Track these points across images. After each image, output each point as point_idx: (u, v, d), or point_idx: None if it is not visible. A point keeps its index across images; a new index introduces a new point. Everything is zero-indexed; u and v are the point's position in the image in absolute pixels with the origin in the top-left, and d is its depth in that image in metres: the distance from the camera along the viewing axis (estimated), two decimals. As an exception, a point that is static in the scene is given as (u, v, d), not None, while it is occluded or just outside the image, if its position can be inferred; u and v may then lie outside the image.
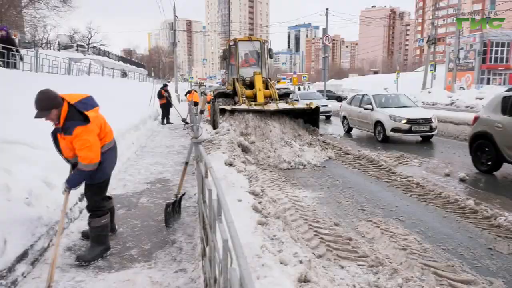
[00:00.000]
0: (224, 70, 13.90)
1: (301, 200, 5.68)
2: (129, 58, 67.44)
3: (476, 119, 7.79)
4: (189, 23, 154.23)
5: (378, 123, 11.55)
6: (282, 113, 10.01)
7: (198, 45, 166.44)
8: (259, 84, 10.75)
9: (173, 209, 4.64)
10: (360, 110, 12.71)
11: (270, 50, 12.86)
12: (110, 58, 45.03)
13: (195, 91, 19.12)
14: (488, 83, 45.36)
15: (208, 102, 19.46)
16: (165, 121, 15.89)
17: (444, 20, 72.47)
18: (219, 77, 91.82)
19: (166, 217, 4.48)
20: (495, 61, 47.39)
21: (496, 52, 47.27)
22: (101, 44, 51.87)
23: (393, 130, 11.03)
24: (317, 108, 10.26)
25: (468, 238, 4.36)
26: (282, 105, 9.81)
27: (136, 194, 5.85)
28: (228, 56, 12.95)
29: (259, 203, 4.07)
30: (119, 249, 3.89)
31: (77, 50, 40.83)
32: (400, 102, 12.56)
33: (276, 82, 13.39)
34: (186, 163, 4.64)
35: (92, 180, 3.58)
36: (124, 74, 39.68)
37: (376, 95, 12.85)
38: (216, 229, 2.05)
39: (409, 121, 10.88)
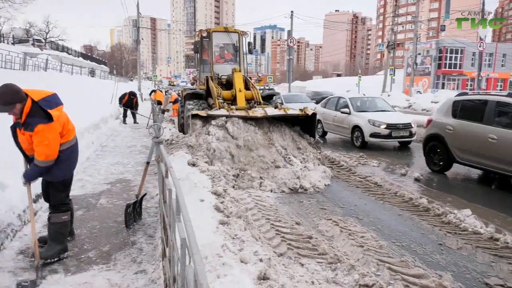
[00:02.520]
0: (195, 67, 11.34)
1: (264, 200, 5.75)
2: (89, 54, 65.12)
3: (429, 122, 8.20)
4: (153, 20, 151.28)
5: (356, 128, 10.91)
6: (270, 120, 7.97)
7: (163, 43, 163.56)
8: (239, 83, 8.65)
9: (134, 210, 4.56)
10: (336, 114, 11.94)
11: (249, 43, 10.85)
12: (69, 54, 43.29)
13: (160, 90, 18.81)
14: (443, 87, 47.80)
15: (173, 102, 19.23)
16: (126, 120, 15.61)
17: (403, 27, 75.57)
18: (184, 76, 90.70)
19: (126, 218, 4.39)
20: (450, 67, 50.01)
21: (451, 59, 49.90)
22: (59, 39, 49.79)
23: (372, 135, 10.44)
24: (314, 114, 8.07)
25: (420, 235, 4.59)
26: (271, 111, 7.67)
27: (95, 195, 5.69)
28: (200, 49, 10.69)
29: (221, 203, 4.09)
30: (76, 252, 3.77)
31: (33, 44, 38.97)
32: (377, 105, 12.02)
33: (257, 81, 10.83)
34: (148, 163, 4.58)
35: (54, 178, 3.53)
36: (92, 72, 38.36)
37: (353, 98, 12.23)
38: (175, 229, 2.05)
39: (388, 126, 10.33)
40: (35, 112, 3.20)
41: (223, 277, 2.53)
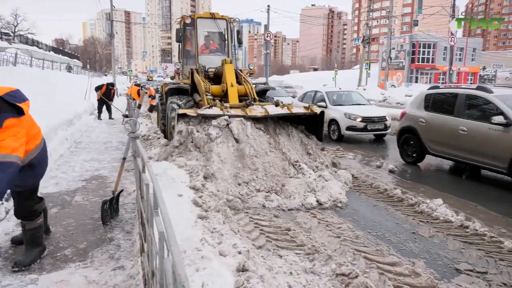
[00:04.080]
0: (178, 59, 9.89)
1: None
2: (61, 49, 63.16)
3: (403, 114, 8.42)
4: (127, 14, 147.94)
5: (333, 122, 11.09)
6: (275, 121, 6.93)
7: (138, 37, 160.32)
8: (230, 77, 7.38)
9: (111, 207, 4.49)
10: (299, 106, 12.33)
11: (238, 32, 9.52)
12: (40, 48, 41.89)
13: (136, 85, 18.47)
14: (416, 81, 49.02)
15: (151, 97, 18.93)
16: (101, 116, 15.29)
17: (377, 21, 76.87)
18: (160, 70, 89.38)
19: (102, 215, 4.32)
20: (423, 61, 51.27)
21: (424, 53, 51.15)
22: (29, 33, 48.07)
23: (348, 128, 10.64)
24: (322, 113, 7.04)
25: (395, 224, 4.73)
26: (272, 109, 6.57)
27: (70, 192, 5.57)
28: (183, 38, 9.16)
29: (200, 197, 4.09)
30: (52, 250, 3.70)
31: (1, 38, 37.46)
32: (353, 99, 12.27)
33: (249, 74, 9.22)
34: (124, 158, 4.51)
35: (24, 186, 3.30)
36: (69, 68, 37.23)
37: (330, 92, 12.42)
38: (153, 223, 2.04)
39: (364, 119, 10.54)
40: (1, 107, 2.90)
41: (202, 270, 2.54)
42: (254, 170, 5.69)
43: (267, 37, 29.35)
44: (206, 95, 7.22)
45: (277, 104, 6.89)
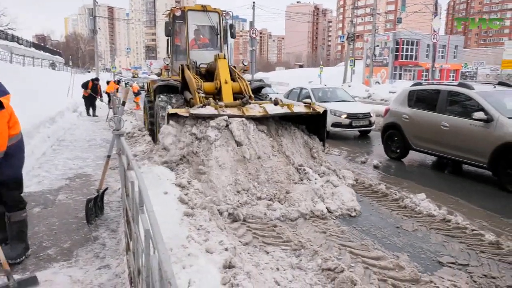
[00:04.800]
0: (167, 54, 9.25)
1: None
2: (43, 45, 61.80)
3: (387, 111, 8.54)
4: (110, 9, 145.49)
5: None
6: (276, 120, 6.49)
7: (121, 33, 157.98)
8: (224, 73, 6.85)
9: (95, 205, 4.44)
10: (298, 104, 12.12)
11: (231, 26, 9.08)
12: (21, 44, 40.87)
13: (115, 81, 18.18)
14: (400, 78, 49.65)
15: (135, 94, 18.70)
16: (90, 112, 15.17)
17: (362, 19, 77.53)
18: (145, 67, 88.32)
19: (87, 213, 4.27)
20: (406, 58, 51.94)
21: (407, 50, 51.81)
22: (8, 28, 46.77)
23: (334, 125, 10.63)
24: (325, 112, 6.55)
25: (379, 219, 4.80)
26: (272, 108, 6.09)
27: (54, 191, 5.48)
28: (172, 32, 8.63)
29: (186, 194, 4.07)
30: (35, 250, 3.63)
31: (-21, 33, 36.41)
32: (338, 96, 12.35)
33: (242, 70, 8.43)
34: (108, 156, 4.45)
35: (5, 176, 3.27)
36: (53, 65, 36.43)
37: (315, 88, 12.51)
38: (139, 221, 2.03)
39: (349, 115, 10.61)
40: None
41: (189, 267, 2.54)
42: (256, 177, 5.23)
43: (252, 33, 29.30)
44: (198, 92, 6.61)
45: (276, 103, 6.35)
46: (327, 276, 3.25)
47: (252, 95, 6.97)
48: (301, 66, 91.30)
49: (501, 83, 7.76)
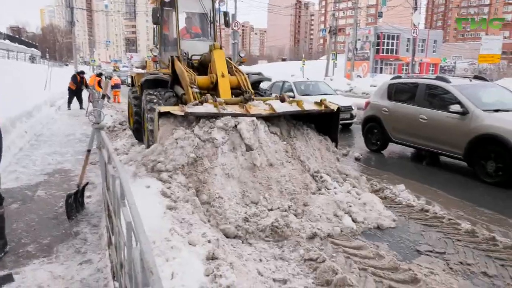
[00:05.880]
0: (154, 44, 8.34)
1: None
2: (17, 37, 59.87)
3: (367, 104, 8.67)
4: (89, 0, 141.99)
5: None
6: (287, 119, 5.77)
7: (100, 25, 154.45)
8: (221, 65, 6.12)
9: (76, 200, 4.38)
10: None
11: (225, 14, 8.32)
12: (-6, 36, 39.45)
13: (97, 75, 17.86)
14: (381, 72, 50.29)
15: (114, 87, 18.37)
16: (71, 106, 14.93)
17: (344, 12, 78.05)
18: (125, 60, 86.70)
19: (67, 209, 4.21)
20: (387, 52, 52.62)
21: (388, 44, 52.47)
22: (-19, 20, 45.07)
23: None
24: (339, 109, 5.84)
25: (360, 210, 4.88)
26: (279, 105, 5.42)
27: (32, 187, 5.37)
28: (160, 20, 7.71)
29: (168, 188, 4.05)
30: (13, 247, 3.57)
31: (-51, 25, 34.98)
32: (320, 89, 12.39)
33: (239, 63, 7.48)
34: (88, 151, 4.39)
35: None
36: (32, 58, 35.34)
37: (297, 82, 12.59)
38: (120, 214, 2.02)
39: None
40: None
41: (172, 259, 2.54)
42: (267, 187, 4.53)
43: (234, 26, 29.12)
44: (192, 87, 5.90)
45: (282, 99, 5.68)
46: (309, 266, 3.31)
47: (252, 90, 6.19)
48: (283, 60, 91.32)
49: (476, 77, 8.00)
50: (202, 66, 6.98)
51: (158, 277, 1.03)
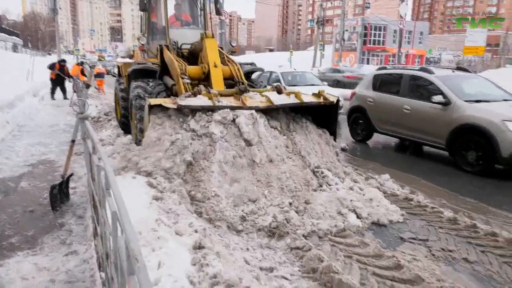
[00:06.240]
0: (142, 32, 8.00)
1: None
2: (-2, 24, 58.17)
3: (353, 94, 8.74)
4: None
5: None
6: (287, 112, 5.50)
7: (84, 13, 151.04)
8: (213, 55, 5.86)
9: (60, 191, 4.33)
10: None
11: (217, 1, 7.84)
12: (-27, 23, 38.28)
13: (78, 64, 17.50)
14: (368, 63, 50.61)
15: (97, 76, 18.05)
16: (55, 96, 14.61)
17: (331, 3, 77.89)
18: (110, 50, 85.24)
19: (52, 200, 4.16)
20: (374, 43, 52.93)
21: (375, 35, 52.77)
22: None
23: None
24: (338, 101, 5.61)
25: (346, 199, 4.94)
26: (276, 97, 5.17)
27: (15, 178, 5.28)
28: (148, 6, 7.41)
29: (154, 178, 4.03)
30: (-4, 239, 3.52)
31: None
32: (307, 80, 12.42)
33: (230, 52, 7.31)
34: (73, 141, 4.32)
35: None
36: (15, 47, 34.41)
37: (285, 72, 12.63)
38: (106, 205, 2.01)
39: None
40: None
41: (159, 249, 2.55)
42: (267, 184, 4.31)
43: (222, 16, 28.82)
44: (182, 78, 5.57)
45: (279, 91, 5.43)
46: (296, 254, 3.35)
47: (245, 81, 5.92)
48: (271, 50, 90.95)
49: (459, 68, 8.13)
50: (193, 56, 6.70)
51: (144, 265, 1.04)
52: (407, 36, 51.52)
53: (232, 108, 4.72)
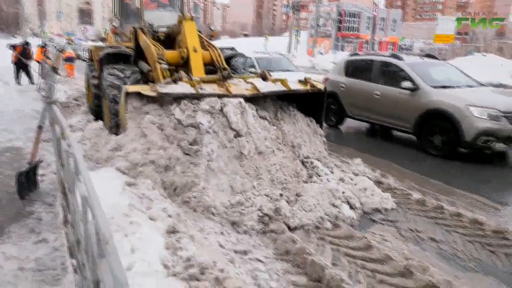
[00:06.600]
0: (113, 14, 7.59)
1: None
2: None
3: (326, 80, 8.83)
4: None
5: None
6: (274, 100, 5.25)
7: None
8: (193, 39, 5.50)
9: (28, 179, 4.18)
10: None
11: None
12: None
13: (41, 47, 16.70)
14: (342, 49, 51.08)
15: (67, 60, 17.38)
16: (21, 81, 13.94)
17: (307, -12, 77.63)
18: (79, 33, 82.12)
19: (19, 188, 4.02)
20: (348, 30, 53.43)
21: (349, 22, 53.24)
22: None
23: None
24: (325, 89, 5.46)
25: (319, 183, 5.03)
26: (262, 84, 4.90)
27: (-21, 166, 5.06)
28: None
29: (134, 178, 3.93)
30: (-40, 228, 3.38)
31: None
32: (282, 65, 12.29)
33: (209, 37, 6.82)
34: (40, 127, 4.17)
35: None
36: None
37: (259, 58, 12.44)
38: (75, 190, 1.97)
39: None
40: None
41: (132, 235, 2.52)
42: (256, 177, 4.13)
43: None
44: (160, 63, 5.22)
45: (264, 77, 5.17)
46: (270, 237, 3.41)
47: (227, 67, 5.56)
48: (246, 36, 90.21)
49: (428, 55, 8.37)
50: (169, 40, 6.31)
51: (114, 247, 1.02)
52: (381, 23, 52.27)
53: (218, 96, 4.41)
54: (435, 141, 6.40)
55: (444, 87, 6.70)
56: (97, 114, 6.97)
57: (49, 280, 2.73)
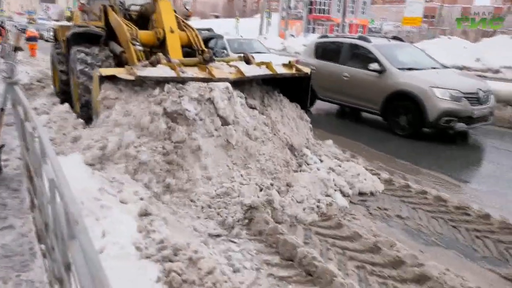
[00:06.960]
0: None
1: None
2: None
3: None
4: None
5: None
6: (259, 84, 5.05)
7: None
8: (169, 18, 5.19)
9: (-10, 164, 4.01)
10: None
11: None
12: None
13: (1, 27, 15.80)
14: (313, 32, 51.12)
15: (28, 40, 16.52)
16: None
17: (278, -31, 76.62)
18: (41, 12, 77.92)
19: (-19, 174, 3.85)
20: (319, 12, 53.44)
21: (320, 4, 53.21)
22: None
23: None
24: (311, 73, 5.22)
25: (291, 164, 5.10)
26: (246, 68, 4.64)
27: None
28: None
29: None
30: None
31: None
32: (254, 48, 12.11)
33: (185, 17, 6.43)
34: (1, 109, 3.96)
35: None
36: None
37: (231, 39, 12.40)
38: (42, 174, 1.91)
39: None
40: None
41: (103, 219, 2.49)
42: (244, 167, 3.93)
43: (164, -22, 27.30)
44: (134, 44, 4.86)
45: (247, 60, 4.95)
46: (244, 218, 3.44)
47: (205, 49, 5.22)
48: (216, 17, 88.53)
49: (395, 38, 8.55)
50: (143, 19, 5.95)
51: (85, 227, 1.01)
52: (351, 6, 52.53)
53: (201, 81, 4.15)
54: (401, 122, 6.61)
55: (410, 69, 6.88)
56: (64, 97, 6.60)
57: (18, 267, 2.66)
